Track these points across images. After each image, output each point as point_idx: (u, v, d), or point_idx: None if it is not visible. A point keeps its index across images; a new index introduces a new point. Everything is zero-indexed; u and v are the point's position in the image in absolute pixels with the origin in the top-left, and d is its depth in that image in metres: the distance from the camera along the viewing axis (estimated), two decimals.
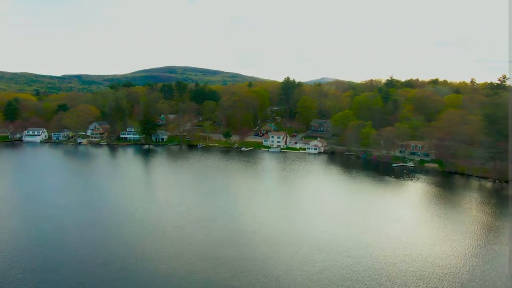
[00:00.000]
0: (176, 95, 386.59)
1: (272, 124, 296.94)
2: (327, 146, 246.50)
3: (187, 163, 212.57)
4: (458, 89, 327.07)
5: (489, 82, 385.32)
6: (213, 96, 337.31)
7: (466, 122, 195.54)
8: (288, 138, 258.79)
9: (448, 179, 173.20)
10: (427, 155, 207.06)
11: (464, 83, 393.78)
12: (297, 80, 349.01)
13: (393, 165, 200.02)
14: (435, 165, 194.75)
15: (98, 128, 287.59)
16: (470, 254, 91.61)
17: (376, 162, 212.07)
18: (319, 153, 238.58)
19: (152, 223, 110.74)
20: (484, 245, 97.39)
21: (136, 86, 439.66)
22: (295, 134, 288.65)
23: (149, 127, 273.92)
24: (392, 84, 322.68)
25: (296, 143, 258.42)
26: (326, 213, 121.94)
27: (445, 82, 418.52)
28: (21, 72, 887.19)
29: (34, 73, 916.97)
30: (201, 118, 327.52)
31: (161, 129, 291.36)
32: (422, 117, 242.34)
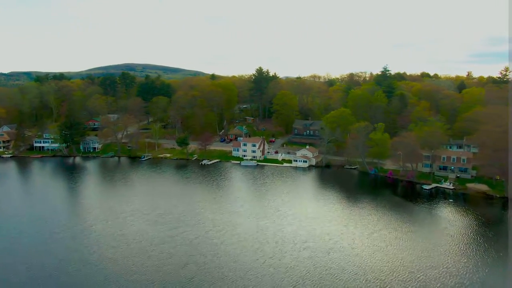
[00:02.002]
0: (120, 91, 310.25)
1: (244, 127, 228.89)
2: (318, 156, 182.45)
3: (109, 189, 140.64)
4: (463, 82, 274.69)
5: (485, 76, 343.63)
6: (166, 91, 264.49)
7: None
8: (266, 146, 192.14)
9: None
10: (464, 170, 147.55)
11: (459, 78, 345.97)
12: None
13: (423, 187, 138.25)
14: (483, 186, 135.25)
15: (1, 134, 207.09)
16: None
17: (393, 181, 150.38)
18: (310, 166, 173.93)
19: None
20: None
21: (71, 80, 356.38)
22: (273, 139, 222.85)
23: (74, 132, 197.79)
24: (387, 77, 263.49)
25: (276, 152, 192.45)
26: None
27: (436, 76, 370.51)
28: None
29: None
30: (150, 120, 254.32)
31: (95, 135, 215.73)
32: (443, 117, 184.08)
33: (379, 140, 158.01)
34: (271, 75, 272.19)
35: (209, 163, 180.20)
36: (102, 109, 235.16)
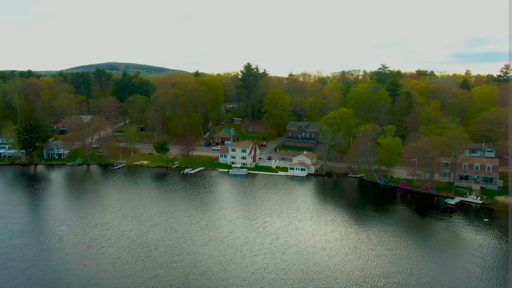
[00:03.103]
0: (95, 89, 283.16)
1: (232, 129, 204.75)
2: (318, 163, 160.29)
3: (66, 208, 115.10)
4: (465, 80, 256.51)
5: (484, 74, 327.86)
6: (144, 89, 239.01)
7: None
8: (258, 151, 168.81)
9: None
10: (489, 180, 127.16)
11: (456, 76, 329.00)
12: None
13: (447, 202, 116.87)
14: None
15: None
16: None
17: (406, 193, 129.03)
18: (309, 175, 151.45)
19: None
20: None
21: (42, 78, 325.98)
22: (264, 143, 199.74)
23: (34, 136, 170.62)
24: (385, 74, 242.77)
25: (269, 158, 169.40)
26: None
27: (432, 74, 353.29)
28: None
29: None
30: (127, 121, 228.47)
31: (63, 139, 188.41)
32: (456, 117, 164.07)
33: (389, 145, 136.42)
34: (260, 72, 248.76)
35: (192, 172, 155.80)
36: (70, 110, 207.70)
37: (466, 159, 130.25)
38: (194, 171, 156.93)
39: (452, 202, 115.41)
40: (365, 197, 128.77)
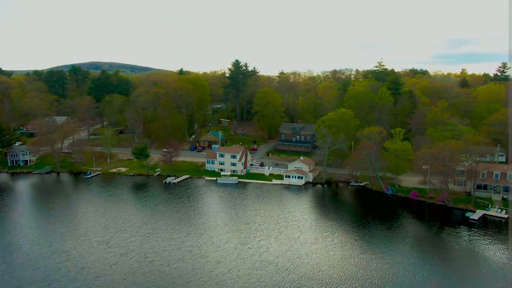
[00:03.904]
0: (71, 88, 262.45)
1: (219, 132, 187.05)
2: (316, 169, 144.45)
3: (24, 228, 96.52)
4: (465, 79, 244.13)
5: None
6: (124, 88, 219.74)
7: None
8: (249, 157, 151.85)
9: None
10: (508, 190, 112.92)
11: (451, 75, 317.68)
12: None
13: (468, 216, 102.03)
14: None
15: None
16: None
17: (419, 205, 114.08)
18: (306, 183, 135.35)
19: None
20: None
21: (13, 76, 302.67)
22: (255, 146, 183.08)
23: None
24: (382, 73, 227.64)
25: (262, 165, 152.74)
26: None
27: (426, 72, 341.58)
28: None
29: None
30: (105, 123, 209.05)
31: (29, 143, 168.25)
32: (465, 119, 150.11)
33: (398, 150, 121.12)
34: (250, 70, 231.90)
35: (175, 181, 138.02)
36: (39, 110, 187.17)
37: (485, 166, 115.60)
38: (178, 180, 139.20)
39: (475, 216, 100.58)
40: (373, 210, 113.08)
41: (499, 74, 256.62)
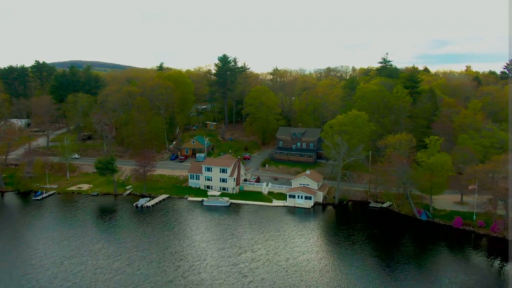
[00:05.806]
0: (33, 86, 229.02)
1: (206, 138, 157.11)
2: (325, 186, 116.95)
3: None
4: (477, 77, 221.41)
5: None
6: (93, 86, 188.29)
7: None
8: (243, 170, 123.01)
9: None
10: None
11: (453, 72, 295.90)
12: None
13: None
14: None
15: None
16: None
17: (465, 236, 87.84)
18: (316, 204, 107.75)
19: None
20: None
21: None
22: (247, 155, 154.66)
23: None
24: (389, 70, 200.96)
25: (258, 180, 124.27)
26: None
27: (426, 69, 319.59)
28: None
29: None
30: (70, 128, 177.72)
31: None
32: (503, 123, 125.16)
33: (435, 164, 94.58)
34: (239, 66, 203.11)
35: (149, 204, 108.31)
36: None
37: None
38: (153, 202, 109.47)
39: None
40: (406, 245, 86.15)
41: (507, 72, 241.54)
